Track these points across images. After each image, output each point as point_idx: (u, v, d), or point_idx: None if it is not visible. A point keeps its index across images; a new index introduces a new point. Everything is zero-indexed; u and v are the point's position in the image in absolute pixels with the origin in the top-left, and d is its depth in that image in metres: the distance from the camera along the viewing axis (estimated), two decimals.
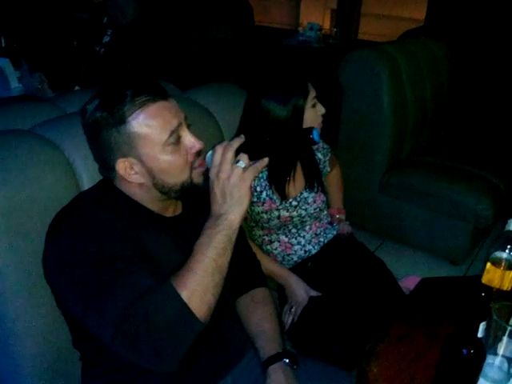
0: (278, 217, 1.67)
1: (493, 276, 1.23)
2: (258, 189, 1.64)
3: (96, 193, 1.13)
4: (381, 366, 1.09)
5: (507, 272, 1.23)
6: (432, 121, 3.10)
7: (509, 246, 1.23)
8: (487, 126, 3.40)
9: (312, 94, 1.62)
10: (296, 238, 1.76)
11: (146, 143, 1.05)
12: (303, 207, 1.71)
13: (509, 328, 1.03)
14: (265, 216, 1.67)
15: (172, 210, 1.21)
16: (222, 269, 1.00)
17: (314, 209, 1.74)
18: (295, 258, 1.77)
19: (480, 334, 1.05)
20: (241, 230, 1.46)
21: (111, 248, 0.99)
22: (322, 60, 4.41)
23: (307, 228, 1.77)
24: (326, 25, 5.58)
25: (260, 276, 1.46)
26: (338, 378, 1.34)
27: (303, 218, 1.72)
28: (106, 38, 3.00)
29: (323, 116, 1.68)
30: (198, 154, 1.11)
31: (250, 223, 1.76)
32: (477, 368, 0.96)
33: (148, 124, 1.04)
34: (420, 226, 2.73)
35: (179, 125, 1.08)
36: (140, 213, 1.13)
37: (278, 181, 1.66)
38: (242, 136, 1.04)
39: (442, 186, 2.61)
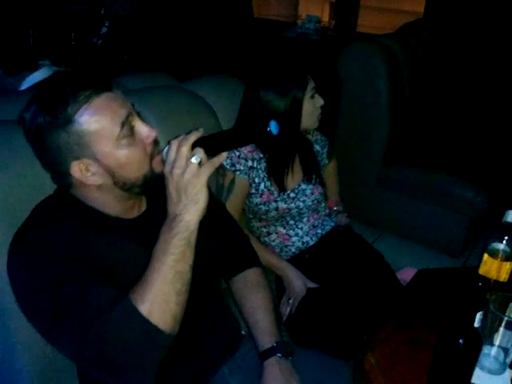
0: (276, 208, 1.67)
1: (490, 267, 1.24)
2: (257, 180, 1.64)
3: (50, 207, 1.06)
4: (377, 356, 1.10)
5: (504, 263, 1.23)
6: (430, 113, 3.10)
7: (506, 237, 1.23)
8: (486, 119, 3.40)
9: (310, 85, 1.62)
10: (294, 230, 1.76)
11: (99, 140, 0.98)
12: (301, 199, 1.71)
13: (505, 319, 1.03)
14: (263, 208, 1.67)
15: (136, 209, 1.14)
16: (184, 274, 0.94)
17: (312, 201, 1.74)
18: (293, 250, 1.77)
19: (476, 324, 1.06)
20: (223, 207, 1.44)
21: (65, 272, 0.94)
22: (320, 52, 4.40)
23: (305, 220, 1.77)
24: (325, 17, 5.56)
25: (251, 254, 1.43)
26: (335, 369, 1.34)
27: (301, 209, 1.72)
28: (104, 30, 2.99)
29: (322, 108, 1.68)
30: (155, 142, 1.05)
31: (248, 215, 1.76)
32: (473, 358, 0.96)
33: (96, 119, 0.97)
34: (418, 218, 2.73)
35: (129, 115, 1.01)
36: (98, 220, 1.06)
37: (276, 172, 1.66)
38: (200, 130, 0.97)
39: (439, 179, 2.62)
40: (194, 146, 0.94)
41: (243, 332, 1.38)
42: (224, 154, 0.96)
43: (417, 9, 4.91)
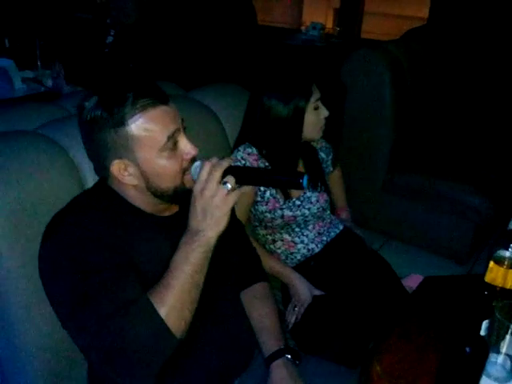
0: (282, 216, 1.68)
1: (496, 274, 1.23)
2: (262, 188, 1.64)
3: (91, 196, 1.13)
4: (384, 364, 1.10)
5: (510, 270, 1.22)
6: (435, 119, 3.09)
7: None
8: (491, 125, 3.39)
9: (315, 96, 1.62)
10: (299, 237, 1.76)
11: (143, 147, 1.04)
12: (306, 206, 1.71)
13: (511, 326, 1.03)
14: (268, 215, 1.68)
15: (168, 210, 1.19)
16: (199, 285, 1.01)
17: (318, 208, 1.75)
18: (298, 257, 1.77)
19: (483, 332, 1.06)
20: (240, 224, 1.47)
21: (98, 258, 0.99)
22: (324, 59, 4.41)
23: (310, 227, 1.77)
24: (329, 24, 5.58)
25: (260, 270, 1.47)
26: (341, 376, 1.35)
27: (306, 217, 1.73)
28: (110, 39, 3.01)
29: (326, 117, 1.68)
30: (193, 159, 1.10)
31: (254, 223, 1.76)
32: (479, 366, 0.96)
33: (147, 128, 1.03)
34: (423, 224, 2.73)
35: (177, 130, 1.07)
36: (133, 215, 1.11)
37: None
38: (232, 157, 1.04)
39: (445, 185, 2.61)
40: (225, 172, 1.01)
41: None
42: (250, 187, 1.06)
43: (421, 14, 4.92)
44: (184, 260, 1.00)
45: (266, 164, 1.66)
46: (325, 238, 1.81)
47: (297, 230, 1.75)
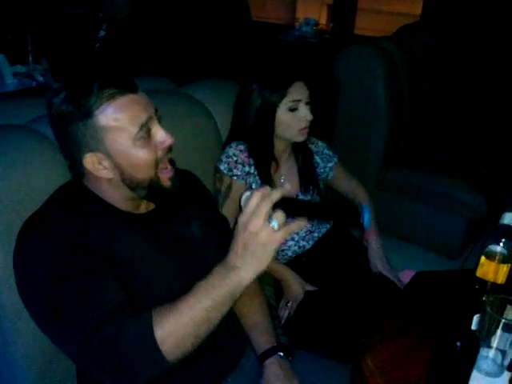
0: None
1: (487, 269, 1.24)
2: (254, 186, 1.63)
3: (64, 196, 1.08)
4: (376, 359, 1.10)
5: (501, 265, 1.23)
6: (428, 116, 3.10)
7: (503, 240, 1.23)
8: (483, 121, 3.40)
9: (293, 97, 1.58)
10: (290, 235, 1.75)
11: (115, 138, 1.01)
12: None
13: (502, 321, 1.03)
14: None
15: (144, 206, 1.15)
16: (212, 322, 0.91)
17: None
18: (290, 253, 1.77)
19: (474, 327, 1.06)
20: (225, 219, 1.43)
21: (75, 263, 0.95)
22: (317, 55, 4.40)
23: None
24: (323, 20, 5.56)
25: None
26: (333, 372, 1.35)
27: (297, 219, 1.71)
28: (102, 33, 2.99)
29: (316, 116, 1.63)
30: (169, 149, 1.07)
31: None
32: (470, 360, 0.97)
33: (116, 118, 1.00)
34: (416, 220, 2.73)
35: (149, 118, 1.04)
36: (110, 213, 1.08)
37: (263, 176, 1.65)
38: (286, 187, 0.95)
39: (437, 181, 2.62)
40: (275, 205, 0.89)
41: None
42: (303, 223, 0.92)
43: (414, 11, 4.92)
44: (206, 292, 0.89)
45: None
46: (316, 235, 1.80)
47: None
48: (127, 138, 1.01)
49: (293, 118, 1.60)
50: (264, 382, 1.22)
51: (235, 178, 1.61)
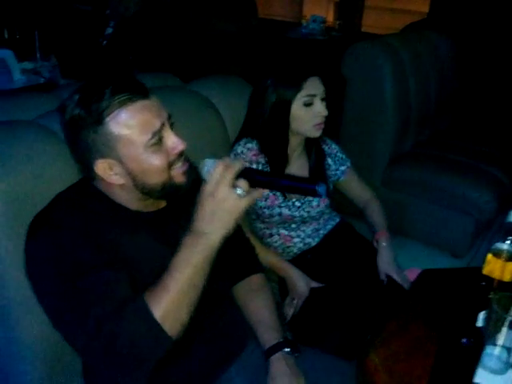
0: (280, 214, 1.68)
1: (493, 267, 1.23)
2: None
3: (74, 195, 1.09)
4: (381, 356, 1.10)
5: (508, 263, 1.22)
6: (435, 114, 3.09)
7: (510, 238, 1.23)
8: (490, 120, 3.39)
9: (308, 91, 1.58)
10: (296, 232, 1.76)
11: (126, 145, 1.00)
12: (306, 209, 1.71)
13: (508, 318, 1.03)
14: (266, 211, 1.68)
15: (155, 205, 1.16)
16: (198, 287, 0.97)
17: (317, 212, 1.74)
18: (295, 250, 1.77)
19: (479, 324, 1.06)
20: None
21: (86, 258, 0.96)
22: (325, 52, 4.40)
23: (307, 224, 1.77)
24: (330, 17, 5.55)
25: (255, 262, 1.45)
26: (339, 368, 1.34)
27: (305, 218, 1.72)
28: (109, 30, 3.00)
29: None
30: (181, 154, 1.08)
31: (252, 216, 1.76)
32: (475, 357, 0.97)
33: (127, 125, 0.99)
34: (422, 218, 2.72)
35: (162, 125, 1.03)
36: (119, 214, 1.09)
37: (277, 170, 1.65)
38: (243, 162, 0.99)
39: (444, 179, 2.61)
40: (238, 175, 0.96)
41: None
42: (261, 191, 1.00)
43: (421, 9, 4.91)
44: (185, 262, 0.95)
45: (266, 160, 1.65)
46: (322, 232, 1.81)
47: (293, 226, 1.75)
48: (139, 144, 1.01)
49: (308, 113, 1.59)
50: (269, 379, 1.22)
51: None
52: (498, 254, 1.24)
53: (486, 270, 1.25)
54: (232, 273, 1.37)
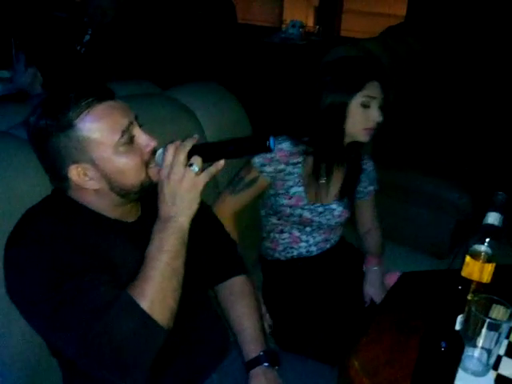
0: (300, 215, 1.66)
1: (472, 269, 1.24)
2: (290, 183, 1.62)
3: (47, 206, 1.07)
4: (362, 360, 1.10)
5: (486, 265, 1.23)
6: (413, 117, 3.12)
7: (487, 239, 1.24)
8: (469, 121, 3.43)
9: (367, 92, 1.55)
10: (307, 236, 1.74)
11: (98, 146, 1.01)
12: (327, 217, 1.69)
13: (487, 320, 1.04)
14: (288, 210, 1.65)
15: (133, 213, 1.16)
16: (178, 272, 0.99)
17: (336, 222, 1.73)
18: (295, 253, 1.76)
19: (458, 327, 1.06)
20: (209, 209, 1.43)
21: (72, 261, 0.96)
22: (304, 57, 4.41)
23: (321, 232, 1.75)
24: (310, 22, 5.58)
25: (237, 262, 1.41)
26: (321, 373, 1.35)
27: (322, 225, 1.71)
28: (87, 37, 2.97)
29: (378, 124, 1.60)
30: (154, 152, 1.07)
31: (268, 211, 1.73)
32: (455, 360, 0.97)
33: (96, 126, 1.00)
34: (403, 220, 2.73)
35: (130, 124, 1.04)
36: (98, 221, 1.08)
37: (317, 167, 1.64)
38: (195, 136, 1.01)
39: (423, 181, 2.63)
40: (190, 153, 0.98)
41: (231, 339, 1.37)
42: (221, 162, 1.00)
43: (399, 12, 4.96)
44: (159, 249, 0.97)
45: (299, 160, 1.62)
46: (327, 246, 1.79)
47: (308, 229, 1.73)
48: (110, 144, 1.01)
49: (363, 114, 1.57)
50: None
51: (264, 174, 1.60)
52: (476, 255, 1.24)
53: (464, 272, 1.26)
54: (212, 273, 1.35)
